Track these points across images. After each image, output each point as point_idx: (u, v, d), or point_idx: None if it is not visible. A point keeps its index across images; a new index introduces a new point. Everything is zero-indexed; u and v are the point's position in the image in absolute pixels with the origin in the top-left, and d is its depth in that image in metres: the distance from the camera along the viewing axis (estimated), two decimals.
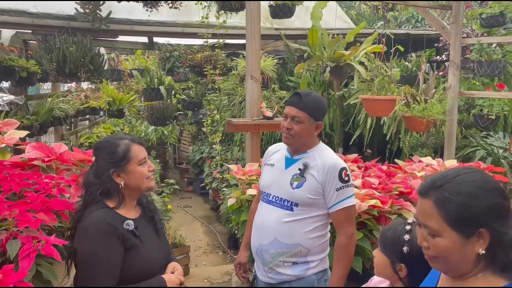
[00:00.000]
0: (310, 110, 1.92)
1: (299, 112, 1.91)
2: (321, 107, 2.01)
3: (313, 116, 1.94)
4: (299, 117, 1.91)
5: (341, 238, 1.93)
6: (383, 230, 1.57)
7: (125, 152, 1.69)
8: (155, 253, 1.73)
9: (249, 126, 3.20)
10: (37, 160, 2.15)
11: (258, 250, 1.99)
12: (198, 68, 4.74)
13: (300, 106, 1.91)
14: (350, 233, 1.94)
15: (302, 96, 1.92)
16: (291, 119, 1.93)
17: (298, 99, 1.92)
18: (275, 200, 1.96)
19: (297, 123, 1.91)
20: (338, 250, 1.94)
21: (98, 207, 1.63)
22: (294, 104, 1.93)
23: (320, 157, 1.94)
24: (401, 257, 1.43)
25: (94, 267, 1.53)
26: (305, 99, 1.92)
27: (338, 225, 1.94)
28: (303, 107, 1.91)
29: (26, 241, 1.29)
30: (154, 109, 4.73)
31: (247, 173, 3.05)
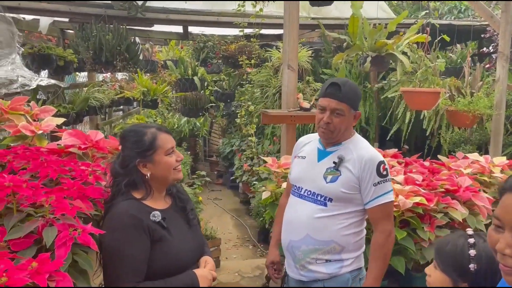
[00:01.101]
0: (350, 100, 1.79)
1: (340, 104, 1.77)
2: (359, 94, 1.88)
3: (353, 106, 1.81)
4: (340, 109, 1.77)
5: (378, 236, 1.81)
6: (440, 245, 1.41)
7: (151, 141, 1.61)
8: (186, 245, 1.64)
9: (285, 118, 3.09)
10: (74, 147, 2.12)
11: (289, 246, 1.89)
12: (232, 59, 4.67)
13: (340, 97, 1.77)
14: (388, 231, 1.81)
15: (341, 86, 1.77)
16: (331, 112, 1.79)
17: (337, 90, 1.77)
18: (307, 194, 1.85)
19: (338, 115, 1.78)
20: (374, 248, 1.81)
21: (123, 199, 1.57)
22: (333, 95, 1.78)
23: (356, 150, 1.82)
24: (465, 275, 1.29)
25: (118, 260, 1.46)
26: (345, 89, 1.78)
27: (375, 222, 1.82)
28: (343, 98, 1.77)
29: (62, 228, 1.25)
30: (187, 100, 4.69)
31: (282, 166, 2.96)
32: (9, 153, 1.92)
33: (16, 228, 1.23)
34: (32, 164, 1.68)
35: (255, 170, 6.52)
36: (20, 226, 1.25)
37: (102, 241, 1.47)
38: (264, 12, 4.07)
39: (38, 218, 1.28)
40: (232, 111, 5.92)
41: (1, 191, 1.25)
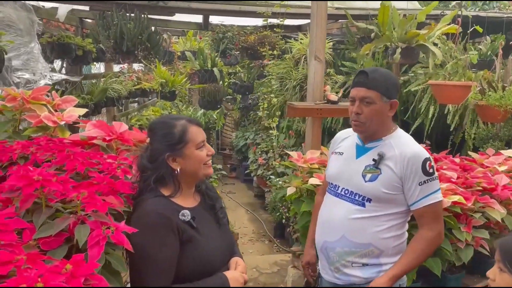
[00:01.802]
0: (380, 87, 1.66)
1: (368, 92, 1.65)
2: (393, 82, 1.73)
3: (385, 94, 1.67)
4: (369, 97, 1.65)
5: (426, 232, 1.67)
6: (505, 244, 1.27)
7: (181, 134, 1.51)
8: (216, 246, 1.54)
9: (311, 111, 2.97)
10: (97, 139, 2.04)
11: (323, 247, 1.79)
12: (251, 50, 4.55)
13: (369, 84, 1.65)
14: (438, 230, 1.68)
15: (368, 73, 1.66)
16: (360, 102, 1.67)
17: (364, 78, 1.67)
18: (345, 193, 1.73)
19: (368, 104, 1.66)
20: (417, 241, 1.67)
21: (151, 196, 1.47)
22: (360, 83, 1.67)
23: (398, 146, 1.68)
24: None
25: (146, 262, 1.37)
26: (373, 76, 1.66)
27: (423, 224, 1.69)
28: (372, 85, 1.65)
29: (95, 227, 1.16)
30: (206, 92, 4.59)
31: (308, 161, 2.85)
32: (32, 145, 1.84)
33: (46, 226, 1.15)
34: (58, 156, 1.60)
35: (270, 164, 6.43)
36: (50, 223, 1.16)
37: (130, 241, 1.38)
38: (287, 2, 3.94)
39: (68, 215, 1.19)
40: (249, 104, 5.80)
41: (30, 186, 1.16)
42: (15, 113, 2.17)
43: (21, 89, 2.18)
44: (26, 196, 1.16)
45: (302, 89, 4.34)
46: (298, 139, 6.23)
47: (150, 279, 1.36)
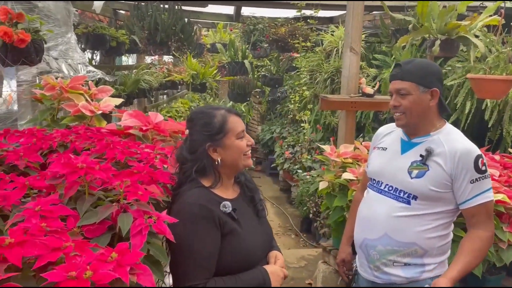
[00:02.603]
0: (415, 76, 1.60)
1: (403, 83, 1.60)
2: (430, 70, 1.64)
3: (422, 83, 1.60)
4: (404, 88, 1.60)
5: (484, 232, 1.59)
6: None
7: (221, 124, 1.48)
8: (256, 239, 1.51)
9: (345, 104, 2.91)
10: (134, 129, 2.05)
11: (363, 245, 1.73)
12: (282, 42, 4.49)
13: (402, 76, 1.61)
14: (492, 230, 1.61)
15: (402, 65, 1.62)
16: (396, 94, 1.62)
17: (398, 70, 1.63)
18: (388, 190, 1.67)
19: (404, 96, 1.60)
20: (475, 241, 1.58)
21: (192, 187, 1.44)
22: (395, 76, 1.64)
23: (448, 142, 1.60)
24: None
25: (187, 254, 1.34)
26: (407, 67, 1.61)
27: (475, 223, 1.60)
28: (406, 76, 1.60)
29: (137, 215, 1.15)
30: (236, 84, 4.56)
31: (341, 155, 2.78)
32: (71, 133, 1.87)
33: (89, 213, 1.15)
34: (98, 145, 1.61)
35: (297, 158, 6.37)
36: (94, 211, 1.16)
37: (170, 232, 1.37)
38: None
39: (110, 203, 1.19)
40: (277, 97, 5.74)
41: (74, 173, 1.16)
42: (54, 102, 2.20)
43: (60, 79, 2.21)
44: (71, 184, 1.16)
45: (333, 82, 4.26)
46: (326, 133, 6.14)
47: (191, 271, 1.35)
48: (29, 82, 2.34)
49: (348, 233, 1.97)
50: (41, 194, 1.26)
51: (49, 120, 2.23)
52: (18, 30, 2.02)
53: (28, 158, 1.55)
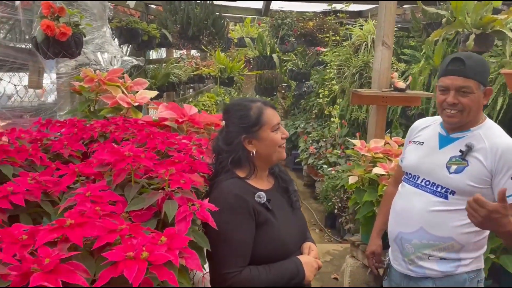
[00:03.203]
0: (478, 75, 1.55)
1: (467, 81, 1.55)
2: (487, 68, 1.62)
3: (482, 82, 1.57)
4: (468, 86, 1.55)
5: None
6: None
7: (257, 116, 1.50)
8: (290, 230, 1.53)
9: (376, 98, 2.89)
10: (169, 121, 2.09)
11: (397, 238, 1.72)
12: (309, 36, 4.47)
13: (467, 73, 1.55)
14: None
15: (465, 60, 1.55)
16: (456, 91, 1.57)
17: (461, 65, 1.55)
18: (425, 184, 1.66)
19: (465, 94, 1.56)
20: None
21: (228, 177, 1.47)
22: (457, 72, 1.56)
23: (489, 138, 1.57)
24: None
25: (222, 243, 1.37)
26: (470, 63, 1.55)
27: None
28: (470, 74, 1.55)
29: (181, 203, 1.19)
30: (263, 78, 4.58)
31: (372, 150, 2.77)
32: (110, 124, 1.92)
33: (136, 200, 1.19)
34: (139, 135, 1.66)
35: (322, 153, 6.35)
36: (140, 197, 1.20)
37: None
38: None
39: (155, 191, 1.23)
40: (303, 91, 5.73)
41: (122, 161, 1.21)
42: (92, 94, 2.27)
43: (98, 71, 2.28)
44: (119, 171, 1.21)
45: (362, 76, 4.22)
46: (351, 128, 6.10)
47: (227, 260, 1.38)
48: (68, 74, 2.42)
49: (378, 226, 1.97)
50: (88, 181, 1.32)
51: (87, 111, 2.30)
52: (59, 24, 2.09)
53: (71, 147, 1.61)
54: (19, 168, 1.38)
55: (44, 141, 1.67)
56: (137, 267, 0.80)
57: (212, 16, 3.33)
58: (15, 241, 0.85)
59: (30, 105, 2.74)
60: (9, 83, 2.23)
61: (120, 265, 0.81)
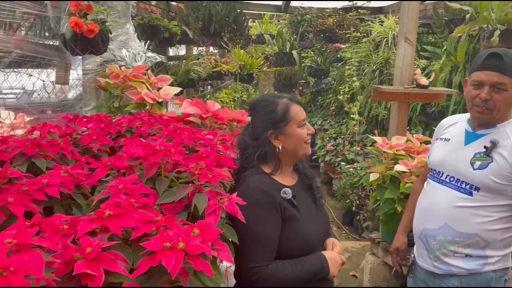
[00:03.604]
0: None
1: (503, 77, 1.53)
2: None
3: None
4: (503, 83, 1.53)
5: None
6: None
7: (284, 112, 1.52)
8: (314, 226, 1.55)
9: (398, 95, 2.86)
10: (193, 117, 2.12)
11: (422, 235, 1.72)
12: (329, 33, 4.45)
13: (504, 69, 1.52)
14: None
15: (503, 56, 1.52)
16: (491, 87, 1.55)
17: (498, 61, 1.53)
18: (450, 180, 1.65)
19: (499, 91, 1.54)
20: None
21: (254, 172, 1.49)
22: (494, 67, 1.54)
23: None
24: None
25: (249, 238, 1.38)
26: (507, 60, 1.53)
27: None
28: (507, 70, 1.53)
29: (211, 196, 1.21)
30: (282, 75, 4.58)
31: (394, 147, 2.75)
32: (136, 119, 1.96)
33: (167, 193, 1.22)
34: (166, 130, 1.68)
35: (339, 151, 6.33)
36: (170, 191, 1.23)
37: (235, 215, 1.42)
38: None
39: (186, 184, 1.26)
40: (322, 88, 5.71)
41: (154, 155, 1.24)
42: (118, 90, 2.31)
43: (123, 67, 2.32)
44: (150, 165, 1.24)
45: (382, 73, 4.19)
46: (369, 125, 6.05)
47: (254, 253, 1.40)
48: (94, 70, 2.47)
49: (404, 223, 1.96)
50: (119, 174, 1.35)
51: (112, 107, 2.34)
52: (87, 21, 2.13)
53: (99, 141, 1.65)
54: (52, 161, 1.42)
55: (74, 135, 1.71)
56: (174, 257, 0.82)
57: (234, 13, 3.35)
58: (56, 230, 0.88)
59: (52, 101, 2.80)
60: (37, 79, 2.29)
61: (158, 255, 0.83)
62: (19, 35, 2.18)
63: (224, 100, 5.62)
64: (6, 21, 2.07)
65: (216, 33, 3.29)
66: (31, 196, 1.10)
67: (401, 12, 2.92)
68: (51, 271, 0.78)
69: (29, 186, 1.13)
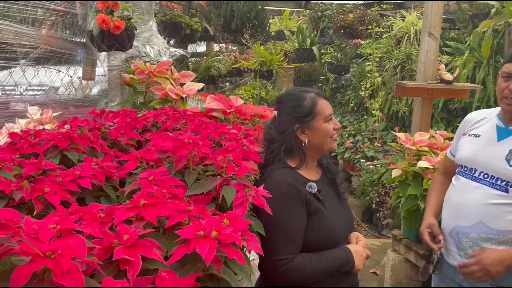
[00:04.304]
0: None
1: None
2: None
3: None
4: None
5: None
6: None
7: (311, 107, 1.52)
8: (339, 220, 1.56)
9: (422, 90, 2.83)
10: (216, 112, 2.14)
11: (454, 232, 1.69)
12: (350, 28, 4.42)
13: None
14: None
15: None
16: None
17: None
18: (484, 177, 1.63)
19: None
20: None
21: (279, 166, 1.51)
22: None
23: None
24: None
25: (276, 230, 1.40)
26: None
27: None
28: None
29: (238, 188, 1.23)
30: (302, 71, 4.58)
31: (417, 143, 2.73)
32: (161, 114, 2.00)
33: (195, 185, 1.24)
34: (192, 124, 1.71)
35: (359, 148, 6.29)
36: (199, 183, 1.25)
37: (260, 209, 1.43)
38: None
39: (214, 177, 1.28)
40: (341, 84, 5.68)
41: (183, 148, 1.26)
42: (143, 86, 2.35)
43: (148, 63, 2.36)
44: (180, 157, 1.26)
45: (404, 69, 4.14)
46: (389, 122, 5.99)
47: (281, 246, 1.41)
48: (119, 66, 2.52)
49: (430, 207, 1.87)
50: (148, 167, 1.38)
51: (137, 102, 2.39)
52: (114, 18, 2.17)
53: (127, 135, 1.69)
54: (82, 154, 1.46)
55: (102, 129, 1.76)
56: (208, 245, 0.84)
57: (255, 9, 3.36)
58: (94, 218, 0.91)
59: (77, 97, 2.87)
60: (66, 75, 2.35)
61: (192, 242, 0.85)
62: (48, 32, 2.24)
63: (243, 96, 5.65)
64: (36, 18, 2.13)
65: (237, 30, 3.31)
66: (65, 187, 1.14)
67: (425, 7, 2.88)
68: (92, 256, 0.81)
69: (63, 178, 1.17)
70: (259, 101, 5.94)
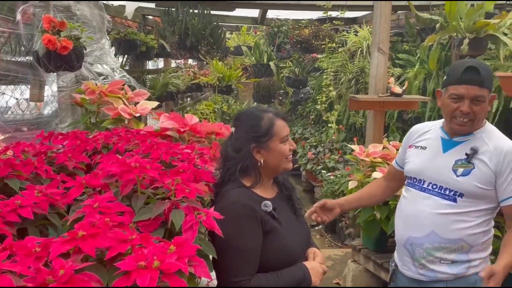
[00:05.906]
0: (490, 83, 1.60)
1: (482, 90, 1.57)
2: (492, 74, 1.67)
3: (491, 90, 1.62)
4: (482, 95, 1.58)
5: None
6: None
7: (268, 127, 1.52)
8: (295, 237, 1.56)
9: (374, 104, 2.93)
10: (171, 131, 2.12)
11: (407, 243, 1.74)
12: (305, 43, 4.52)
13: (482, 83, 1.56)
14: None
15: (480, 69, 1.57)
16: (470, 100, 1.58)
17: (476, 75, 1.57)
18: (433, 188, 1.69)
19: (478, 103, 1.58)
20: None
21: (234, 186, 1.50)
22: (473, 81, 1.57)
23: (491, 140, 1.61)
24: None
25: (231, 252, 1.39)
26: (484, 72, 1.57)
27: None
28: (485, 84, 1.57)
29: (188, 212, 1.21)
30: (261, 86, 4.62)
31: (370, 155, 2.81)
32: (112, 135, 1.94)
33: (143, 210, 1.21)
34: (143, 146, 1.68)
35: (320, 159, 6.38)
36: (147, 207, 1.22)
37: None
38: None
39: (162, 200, 1.25)
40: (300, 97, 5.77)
41: (129, 172, 1.23)
42: (94, 106, 2.29)
43: (99, 83, 2.30)
44: (126, 182, 1.23)
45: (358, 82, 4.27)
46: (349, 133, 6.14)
47: (236, 268, 1.40)
48: (69, 87, 2.45)
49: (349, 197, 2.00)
50: (95, 192, 1.34)
51: (88, 123, 2.32)
52: (61, 38, 2.11)
53: (75, 159, 1.63)
54: (25, 181, 1.40)
55: (49, 153, 1.69)
56: (149, 276, 0.82)
57: (210, 26, 3.38)
58: (29, 253, 0.87)
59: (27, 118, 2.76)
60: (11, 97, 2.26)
61: (133, 274, 0.83)
62: None
63: (204, 111, 5.63)
64: None
65: (192, 47, 3.31)
66: (4, 218, 1.08)
67: (374, 23, 2.99)
68: None
69: (2, 208, 1.11)
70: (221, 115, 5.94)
